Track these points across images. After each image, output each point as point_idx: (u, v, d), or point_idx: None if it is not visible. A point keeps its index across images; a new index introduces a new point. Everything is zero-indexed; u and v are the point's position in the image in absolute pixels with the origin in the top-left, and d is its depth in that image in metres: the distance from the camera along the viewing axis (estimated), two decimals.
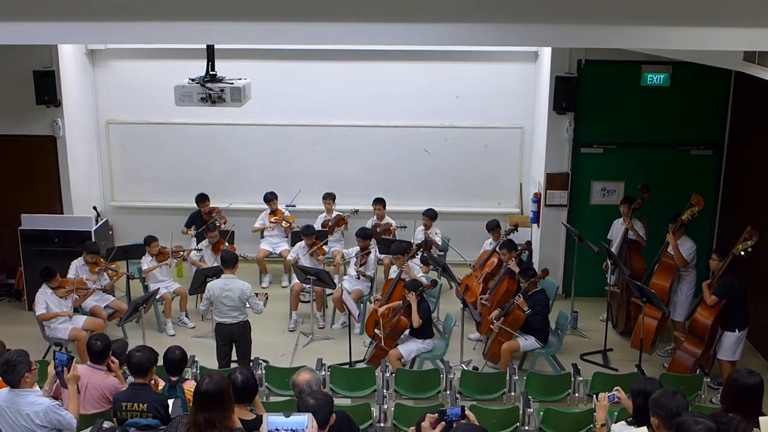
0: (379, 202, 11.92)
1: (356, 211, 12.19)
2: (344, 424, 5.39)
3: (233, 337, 9.06)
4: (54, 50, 11.25)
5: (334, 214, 12.15)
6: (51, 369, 6.48)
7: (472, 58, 12.26)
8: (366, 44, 10.19)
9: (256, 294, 9.22)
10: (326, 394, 5.21)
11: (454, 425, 4.77)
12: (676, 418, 4.95)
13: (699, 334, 8.90)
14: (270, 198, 12.06)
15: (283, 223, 12.13)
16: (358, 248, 10.99)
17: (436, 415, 4.77)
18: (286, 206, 12.46)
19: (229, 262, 9.20)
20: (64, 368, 6.37)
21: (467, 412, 4.87)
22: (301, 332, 10.80)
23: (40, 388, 6.42)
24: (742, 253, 8.58)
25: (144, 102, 12.56)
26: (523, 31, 5.75)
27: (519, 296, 9.24)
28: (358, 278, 10.85)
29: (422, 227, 11.61)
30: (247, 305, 9.05)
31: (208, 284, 9.21)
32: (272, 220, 12.13)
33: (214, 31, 5.82)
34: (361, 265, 10.85)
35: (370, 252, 10.91)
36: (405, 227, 12.11)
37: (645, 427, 5.35)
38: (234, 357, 9.20)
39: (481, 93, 12.49)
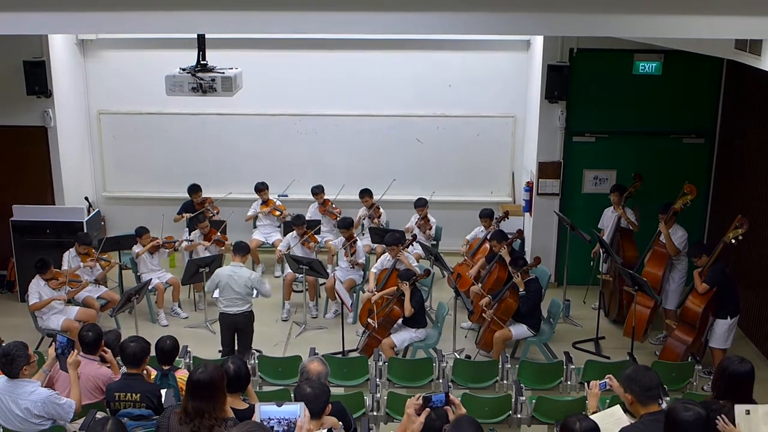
0: (366, 193, 11.90)
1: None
2: (338, 414, 5.40)
3: (237, 326, 9.15)
4: (44, 40, 11.18)
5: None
6: (51, 351, 6.52)
7: (464, 47, 12.24)
8: (358, 33, 10.20)
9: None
10: (323, 385, 5.21)
11: (440, 412, 4.79)
12: (650, 392, 5.07)
13: (690, 322, 8.94)
14: (261, 188, 12.05)
15: (275, 212, 12.12)
16: (343, 239, 10.99)
17: (421, 401, 4.78)
18: (279, 196, 12.44)
19: (241, 250, 9.31)
20: (67, 351, 6.41)
21: (452, 397, 4.88)
22: (294, 322, 10.81)
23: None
24: (733, 240, 8.61)
25: (135, 92, 12.50)
26: (515, 19, 5.74)
27: (518, 275, 9.23)
28: (352, 267, 10.85)
29: (417, 216, 11.64)
30: (254, 293, 9.17)
31: (217, 270, 9.34)
32: (264, 210, 12.10)
33: (205, 21, 5.79)
34: (351, 254, 10.84)
35: (356, 240, 10.92)
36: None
37: (618, 405, 5.45)
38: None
39: (473, 82, 12.47)
